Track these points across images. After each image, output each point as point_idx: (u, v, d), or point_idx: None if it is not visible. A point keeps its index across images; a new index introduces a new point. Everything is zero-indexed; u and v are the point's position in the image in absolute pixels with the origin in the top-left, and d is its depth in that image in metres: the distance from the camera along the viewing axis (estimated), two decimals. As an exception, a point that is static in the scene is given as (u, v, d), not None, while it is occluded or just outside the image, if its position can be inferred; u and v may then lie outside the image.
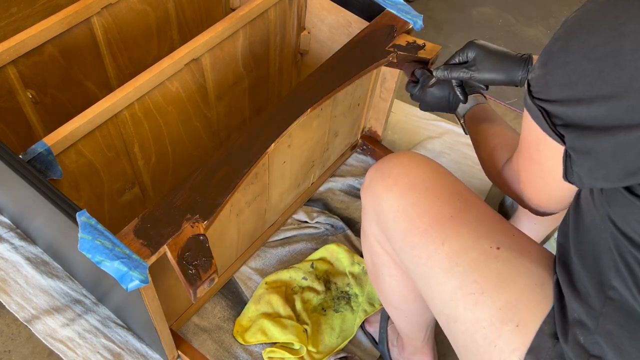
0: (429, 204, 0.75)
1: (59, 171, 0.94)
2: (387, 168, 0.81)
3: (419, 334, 1.01)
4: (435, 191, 0.76)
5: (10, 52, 1.05)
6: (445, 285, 0.72)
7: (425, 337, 1.03)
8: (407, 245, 0.77)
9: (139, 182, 1.19)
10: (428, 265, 0.74)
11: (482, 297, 0.69)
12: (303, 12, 1.38)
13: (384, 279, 0.91)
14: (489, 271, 0.70)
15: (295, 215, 1.38)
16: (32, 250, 1.27)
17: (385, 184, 0.79)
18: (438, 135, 1.62)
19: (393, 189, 0.78)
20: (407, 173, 0.79)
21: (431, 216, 0.74)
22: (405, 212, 0.76)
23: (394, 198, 0.78)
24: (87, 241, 0.79)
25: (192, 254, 0.81)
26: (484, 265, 0.70)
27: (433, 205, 0.75)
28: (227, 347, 1.17)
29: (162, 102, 1.12)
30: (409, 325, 0.99)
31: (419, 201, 0.76)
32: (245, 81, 1.33)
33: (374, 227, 0.85)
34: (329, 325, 1.21)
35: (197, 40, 1.11)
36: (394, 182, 0.78)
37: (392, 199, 0.78)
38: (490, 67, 0.89)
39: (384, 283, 0.92)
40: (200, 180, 0.89)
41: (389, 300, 0.95)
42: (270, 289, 1.23)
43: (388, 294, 0.93)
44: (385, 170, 0.81)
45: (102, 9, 1.17)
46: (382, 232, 0.83)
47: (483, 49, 0.90)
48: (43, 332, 1.16)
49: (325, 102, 1.05)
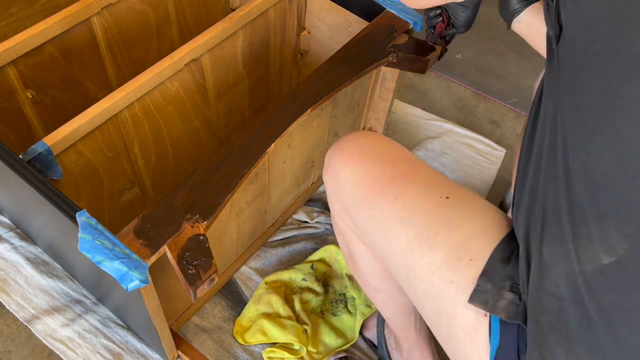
0: (381, 168, 0.82)
1: (59, 171, 0.94)
2: (342, 145, 0.87)
3: (409, 321, 1.02)
4: (385, 157, 0.83)
5: (10, 52, 1.05)
6: (401, 237, 0.77)
7: (417, 326, 1.03)
8: (364, 209, 0.82)
9: (139, 182, 1.19)
10: (384, 221, 0.79)
11: (436, 239, 0.74)
12: (303, 12, 1.38)
13: (358, 259, 0.94)
14: (440, 217, 0.75)
15: (295, 215, 1.38)
16: (32, 250, 1.27)
17: (340, 158, 0.86)
18: (438, 135, 1.62)
19: (348, 161, 0.84)
20: (359, 145, 0.85)
21: (383, 178, 0.81)
22: (360, 179, 0.82)
23: (349, 168, 0.84)
24: (87, 241, 0.79)
25: (192, 254, 0.81)
26: (436, 213, 0.76)
27: (384, 168, 0.82)
28: (227, 347, 1.17)
29: (162, 102, 1.12)
30: (396, 310, 1.00)
31: (371, 167, 0.82)
32: (245, 81, 1.33)
33: (338, 207, 0.89)
34: (328, 326, 1.21)
35: (197, 40, 1.11)
36: (349, 154, 0.85)
37: (347, 170, 0.84)
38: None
39: (358, 263, 0.95)
40: (200, 180, 0.89)
41: (368, 283, 0.97)
42: (270, 289, 1.23)
43: (365, 274, 0.96)
44: (340, 147, 0.87)
45: (102, 9, 1.17)
46: (343, 208, 0.88)
47: None
48: (43, 332, 1.16)
49: (325, 102, 1.05)
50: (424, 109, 1.69)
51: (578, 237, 0.59)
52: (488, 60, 1.88)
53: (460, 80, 1.79)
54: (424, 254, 0.74)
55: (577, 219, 0.59)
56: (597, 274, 0.58)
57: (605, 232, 0.57)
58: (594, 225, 0.57)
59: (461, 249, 0.72)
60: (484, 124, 1.68)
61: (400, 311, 1.00)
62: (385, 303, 1.00)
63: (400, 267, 0.79)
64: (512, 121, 1.69)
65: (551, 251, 0.62)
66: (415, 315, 1.02)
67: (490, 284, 0.69)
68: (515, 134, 1.65)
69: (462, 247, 0.72)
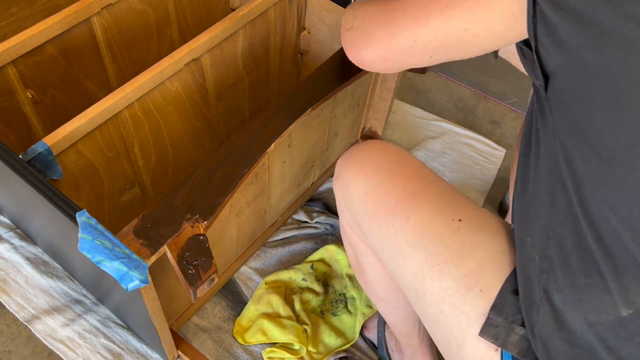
0: (394, 184, 0.79)
1: (59, 171, 0.94)
2: (355, 156, 0.85)
3: (412, 329, 1.01)
4: (399, 173, 0.80)
5: (10, 52, 1.04)
6: (412, 260, 0.75)
7: (420, 333, 1.03)
8: (375, 226, 0.80)
9: (139, 182, 1.19)
10: (395, 241, 0.77)
11: (447, 266, 0.71)
12: (303, 12, 1.37)
13: (366, 269, 0.93)
14: (452, 242, 0.72)
15: (295, 215, 1.38)
16: (32, 250, 1.27)
17: (353, 170, 0.83)
18: (438, 135, 1.62)
19: (360, 174, 0.82)
20: (373, 158, 0.83)
21: (396, 195, 0.78)
22: (372, 194, 0.80)
23: (361, 182, 0.82)
24: (87, 241, 0.79)
25: (192, 254, 0.81)
26: (448, 237, 0.73)
27: (397, 185, 0.79)
28: (227, 347, 1.17)
29: (162, 102, 1.12)
30: (400, 319, 0.99)
31: (384, 183, 0.80)
32: (245, 81, 1.33)
33: (348, 216, 0.88)
34: (328, 326, 1.21)
35: (197, 40, 1.11)
36: (361, 167, 0.82)
37: (359, 183, 0.82)
38: None
39: (366, 273, 0.94)
40: (200, 180, 0.89)
41: (375, 292, 0.96)
42: (270, 289, 1.23)
43: (372, 284, 0.95)
44: (353, 158, 0.85)
45: (102, 9, 1.17)
46: (353, 219, 0.86)
47: None
48: (43, 332, 1.16)
49: (325, 102, 1.05)
50: (424, 109, 1.69)
51: (593, 287, 0.57)
52: (488, 60, 1.88)
53: (460, 80, 1.79)
54: (435, 279, 0.72)
55: (591, 270, 0.57)
56: (615, 325, 0.57)
57: (625, 285, 0.55)
58: (611, 278, 0.56)
59: (472, 278, 0.70)
60: (484, 124, 1.68)
61: (405, 320, 0.99)
62: (390, 311, 0.99)
63: (410, 288, 0.77)
64: (512, 121, 1.69)
65: (563, 299, 0.60)
66: (419, 324, 1.01)
67: (502, 318, 0.67)
68: (515, 134, 1.65)
69: (473, 277, 0.70)
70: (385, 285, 0.93)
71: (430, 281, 0.72)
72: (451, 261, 0.71)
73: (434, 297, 0.72)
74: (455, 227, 0.74)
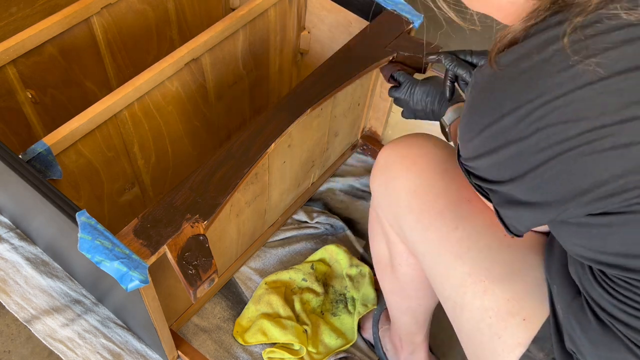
0: (446, 186, 0.74)
1: (59, 171, 0.94)
2: (405, 148, 0.78)
3: (422, 327, 0.99)
4: (453, 174, 0.74)
5: (10, 52, 1.04)
6: (455, 270, 0.71)
7: (427, 332, 1.02)
8: (419, 227, 0.75)
9: (138, 182, 1.19)
10: (440, 248, 0.72)
11: (491, 285, 0.67)
12: (303, 12, 1.37)
13: (400, 269, 0.89)
14: (500, 260, 0.68)
15: (295, 215, 1.38)
16: (32, 250, 1.27)
17: (403, 164, 0.77)
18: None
19: (411, 169, 0.76)
20: (426, 153, 0.77)
21: (447, 198, 0.73)
22: (421, 193, 0.74)
23: (411, 178, 0.75)
24: (87, 241, 0.79)
25: (192, 254, 0.81)
26: (496, 254, 0.69)
27: (449, 187, 0.73)
28: (227, 347, 1.17)
29: (162, 102, 1.12)
30: (415, 316, 0.97)
31: (436, 182, 0.74)
32: (245, 81, 1.33)
33: (387, 211, 0.82)
34: (328, 326, 1.21)
35: (197, 40, 1.11)
36: (412, 162, 0.76)
37: (409, 179, 0.76)
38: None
39: (399, 273, 0.90)
40: (200, 180, 0.89)
41: (404, 290, 0.92)
42: (270, 289, 1.23)
43: (405, 283, 0.90)
44: (403, 150, 0.78)
45: (101, 8, 1.17)
46: (393, 215, 0.80)
47: None
48: (43, 332, 1.16)
49: (325, 102, 1.05)
50: (424, 109, 1.69)
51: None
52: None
53: (460, 80, 1.79)
54: (476, 296, 0.69)
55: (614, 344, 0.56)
56: None
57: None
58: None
59: (516, 304, 0.66)
60: (484, 124, 1.68)
61: (419, 317, 0.97)
62: (409, 311, 0.95)
63: (448, 298, 0.74)
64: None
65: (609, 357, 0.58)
66: (429, 325, 1.00)
67: (542, 354, 0.64)
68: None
69: (517, 303, 0.66)
70: (419, 285, 0.89)
71: (472, 297, 0.69)
72: (497, 281, 0.67)
73: (472, 314, 0.69)
74: (505, 243, 0.69)
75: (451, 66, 0.88)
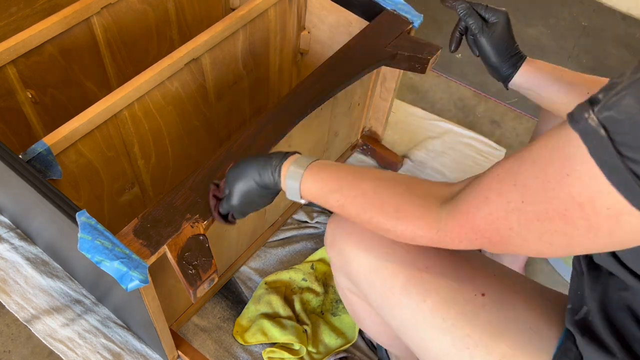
0: (400, 258, 0.71)
1: (59, 171, 0.94)
2: (348, 225, 0.75)
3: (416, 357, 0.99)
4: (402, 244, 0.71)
5: (10, 52, 1.04)
6: (436, 341, 0.68)
7: None
8: (386, 305, 0.73)
9: (138, 182, 1.19)
10: (414, 322, 0.70)
11: (477, 350, 0.65)
12: (303, 12, 1.37)
13: (367, 323, 0.88)
14: (478, 322, 0.66)
15: (295, 215, 1.38)
16: (32, 250, 1.27)
17: (350, 241, 0.74)
18: (438, 135, 1.62)
19: (359, 246, 0.73)
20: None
21: (406, 273, 0.70)
22: (378, 271, 0.72)
23: (362, 258, 0.73)
24: (87, 241, 0.79)
25: (192, 254, 0.81)
26: (473, 317, 0.66)
27: (405, 259, 0.70)
28: (227, 347, 1.17)
29: (162, 102, 1.12)
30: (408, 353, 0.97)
31: (390, 258, 0.71)
32: (245, 81, 1.33)
33: (346, 281, 0.80)
34: (328, 326, 1.21)
35: (197, 40, 1.11)
36: (358, 238, 0.73)
37: (361, 257, 0.73)
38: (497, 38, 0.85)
39: (368, 328, 0.89)
40: (200, 180, 0.89)
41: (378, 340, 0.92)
42: (270, 289, 1.23)
43: (376, 336, 0.90)
44: (347, 225, 0.75)
45: (101, 8, 1.17)
46: (357, 288, 0.78)
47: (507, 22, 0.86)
48: (43, 332, 1.16)
49: (325, 102, 1.04)
50: (424, 109, 1.69)
51: None
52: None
53: (460, 80, 1.79)
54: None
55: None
56: None
57: None
58: None
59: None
60: (484, 124, 1.68)
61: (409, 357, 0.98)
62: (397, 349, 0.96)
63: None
64: (512, 121, 1.69)
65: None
66: None
67: None
68: (515, 134, 1.65)
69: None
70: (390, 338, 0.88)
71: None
72: (481, 344, 0.65)
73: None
74: (479, 304, 0.67)
75: (463, 14, 0.87)
